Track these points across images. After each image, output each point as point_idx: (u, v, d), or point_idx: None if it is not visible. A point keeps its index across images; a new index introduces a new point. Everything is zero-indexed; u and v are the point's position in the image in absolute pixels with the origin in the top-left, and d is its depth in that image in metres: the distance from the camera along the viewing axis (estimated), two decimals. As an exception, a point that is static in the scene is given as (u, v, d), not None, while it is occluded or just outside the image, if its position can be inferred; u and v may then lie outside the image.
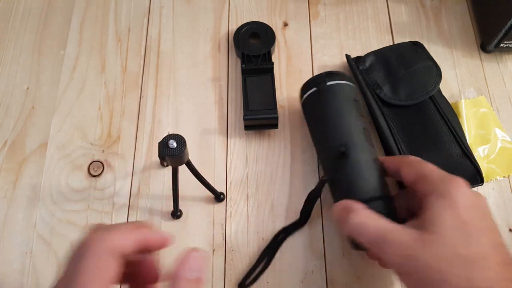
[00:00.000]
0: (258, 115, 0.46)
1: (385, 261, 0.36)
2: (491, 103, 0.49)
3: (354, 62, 0.49)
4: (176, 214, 0.43)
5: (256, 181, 0.46)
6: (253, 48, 0.51)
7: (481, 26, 0.53)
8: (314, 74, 0.51)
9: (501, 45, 0.50)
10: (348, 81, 0.43)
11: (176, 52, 0.53)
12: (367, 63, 0.49)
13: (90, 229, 0.28)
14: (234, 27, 0.53)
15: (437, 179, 0.33)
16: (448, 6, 0.55)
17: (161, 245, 0.29)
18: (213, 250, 0.43)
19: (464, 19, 0.55)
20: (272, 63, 0.49)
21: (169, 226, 0.44)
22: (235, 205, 0.45)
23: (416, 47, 0.50)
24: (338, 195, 0.39)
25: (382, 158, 0.40)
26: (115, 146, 0.47)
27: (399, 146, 0.44)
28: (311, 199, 0.41)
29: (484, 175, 0.43)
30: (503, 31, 0.48)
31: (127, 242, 0.26)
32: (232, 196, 0.45)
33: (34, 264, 0.42)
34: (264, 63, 0.49)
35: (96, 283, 0.24)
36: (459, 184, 0.32)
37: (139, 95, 0.50)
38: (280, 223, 0.44)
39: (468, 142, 0.45)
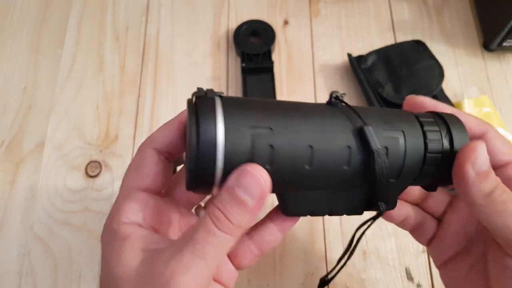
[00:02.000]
0: (258, 114, 0.46)
1: None
2: (494, 103, 0.49)
3: (355, 61, 0.49)
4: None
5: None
6: (253, 46, 0.50)
7: (484, 25, 0.52)
8: (315, 73, 0.51)
9: (504, 44, 0.50)
10: None
11: (175, 50, 0.52)
12: (369, 62, 0.48)
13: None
14: (234, 25, 0.53)
15: None
16: (450, 5, 0.55)
17: None
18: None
19: (466, 17, 0.54)
20: (272, 62, 0.49)
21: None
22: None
23: (418, 45, 0.49)
24: None
25: None
26: (113, 146, 0.47)
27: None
28: None
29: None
30: (506, 29, 0.48)
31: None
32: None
33: (32, 265, 0.41)
34: (264, 62, 0.49)
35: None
36: None
37: (138, 94, 0.49)
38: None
39: (471, 142, 0.44)
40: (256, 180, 0.20)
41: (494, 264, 0.25)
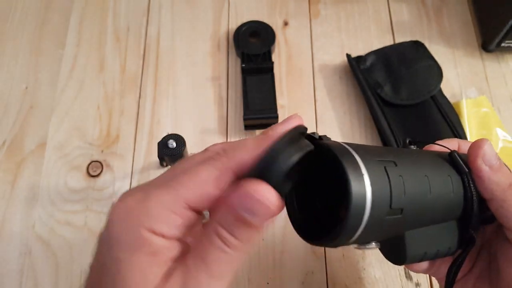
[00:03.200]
0: (258, 114, 0.46)
1: None
2: (492, 103, 0.49)
3: (355, 62, 0.49)
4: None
5: (256, 181, 0.45)
6: (253, 47, 0.50)
7: (482, 26, 0.53)
8: (315, 73, 0.51)
9: (502, 44, 0.50)
10: None
11: (176, 51, 0.52)
12: (368, 63, 0.49)
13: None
14: (234, 26, 0.53)
15: None
16: (449, 6, 0.55)
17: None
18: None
19: (465, 18, 0.54)
20: (272, 63, 0.49)
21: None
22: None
23: (417, 46, 0.49)
24: None
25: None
26: (114, 146, 0.47)
27: (400, 146, 0.44)
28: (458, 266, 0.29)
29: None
30: (504, 30, 0.48)
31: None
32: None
33: (33, 264, 0.41)
34: (264, 62, 0.49)
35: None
36: None
37: (138, 95, 0.50)
38: (279, 221, 0.43)
39: (470, 142, 0.45)
40: (260, 204, 0.19)
41: (506, 267, 0.25)
